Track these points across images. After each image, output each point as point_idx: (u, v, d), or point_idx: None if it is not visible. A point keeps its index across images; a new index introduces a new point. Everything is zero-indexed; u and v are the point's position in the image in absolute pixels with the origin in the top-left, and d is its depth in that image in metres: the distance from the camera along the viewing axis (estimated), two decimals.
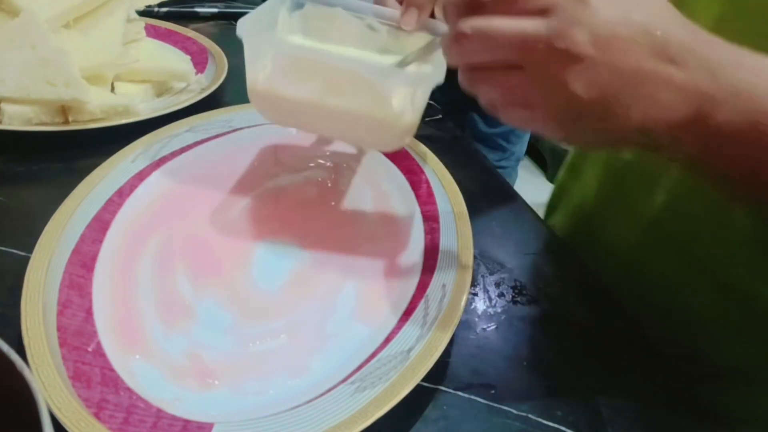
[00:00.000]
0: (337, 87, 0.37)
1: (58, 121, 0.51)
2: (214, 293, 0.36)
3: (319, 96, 0.37)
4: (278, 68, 0.39)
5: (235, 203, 0.44)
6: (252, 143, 0.49)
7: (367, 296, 0.38)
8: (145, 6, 0.78)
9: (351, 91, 0.37)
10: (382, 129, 0.38)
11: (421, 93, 0.37)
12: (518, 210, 0.51)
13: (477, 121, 1.22)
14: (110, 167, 0.42)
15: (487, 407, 0.33)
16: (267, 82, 0.38)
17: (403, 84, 0.37)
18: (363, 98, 0.37)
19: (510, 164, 1.34)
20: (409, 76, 0.36)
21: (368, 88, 0.37)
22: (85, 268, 0.35)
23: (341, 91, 0.37)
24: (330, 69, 0.37)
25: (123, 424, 0.27)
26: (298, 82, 0.37)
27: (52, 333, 0.30)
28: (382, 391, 0.29)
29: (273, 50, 0.39)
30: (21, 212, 0.42)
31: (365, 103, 0.37)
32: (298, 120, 0.41)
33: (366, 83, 0.36)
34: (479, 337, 0.37)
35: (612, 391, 0.35)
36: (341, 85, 0.37)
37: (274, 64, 0.39)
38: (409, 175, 0.47)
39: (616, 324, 0.40)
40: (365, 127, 0.38)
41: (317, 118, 0.39)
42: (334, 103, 0.37)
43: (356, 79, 0.37)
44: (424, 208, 0.44)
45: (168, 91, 0.61)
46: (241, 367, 0.32)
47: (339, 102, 0.37)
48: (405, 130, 0.38)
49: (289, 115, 0.40)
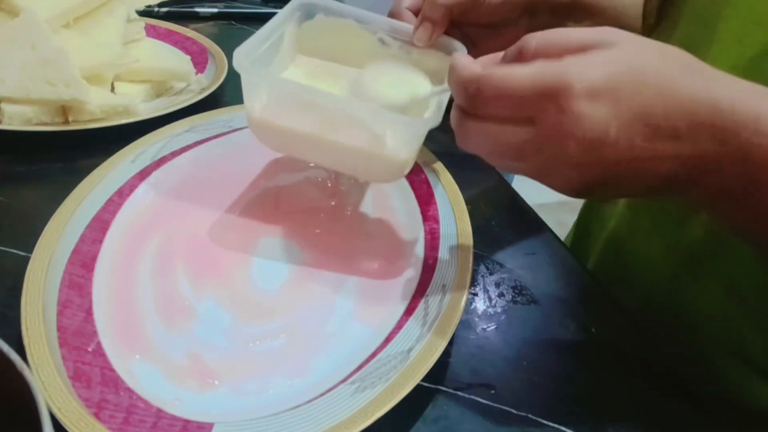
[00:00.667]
0: (333, 123, 0.37)
1: (58, 121, 0.51)
2: (214, 293, 0.36)
3: (316, 130, 0.37)
4: (275, 100, 0.39)
5: (235, 203, 0.44)
6: (252, 143, 0.49)
7: (367, 296, 0.38)
8: (145, 6, 0.78)
9: (347, 127, 0.37)
10: (378, 164, 0.38)
11: (416, 136, 0.37)
12: (518, 210, 0.51)
13: None
14: (110, 167, 0.42)
15: (487, 407, 0.33)
16: (264, 112, 0.38)
17: (399, 128, 0.37)
18: (359, 135, 0.37)
19: None
20: (405, 121, 0.37)
21: (363, 125, 0.37)
22: (85, 268, 0.35)
23: (337, 127, 0.37)
24: (325, 106, 0.37)
25: (123, 424, 0.27)
26: (295, 115, 0.38)
27: (52, 333, 0.30)
28: (382, 391, 0.29)
29: (268, 86, 0.40)
30: (21, 212, 0.42)
31: (361, 139, 0.37)
32: (296, 150, 0.41)
33: (360, 122, 0.37)
34: (479, 337, 0.37)
35: (612, 391, 0.35)
36: (337, 121, 0.37)
37: (271, 96, 0.39)
38: (410, 175, 0.47)
39: (617, 324, 0.40)
40: (361, 161, 0.38)
41: (315, 150, 0.40)
42: (330, 137, 0.37)
43: (351, 118, 0.37)
44: (424, 208, 0.44)
45: (168, 91, 0.61)
46: (241, 367, 0.32)
47: (335, 137, 0.37)
48: (400, 167, 0.38)
49: (288, 145, 0.41)
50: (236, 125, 0.50)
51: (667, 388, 0.36)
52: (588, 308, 0.41)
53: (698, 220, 0.41)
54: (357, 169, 0.41)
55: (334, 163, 0.41)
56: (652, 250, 0.46)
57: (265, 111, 0.38)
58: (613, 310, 0.41)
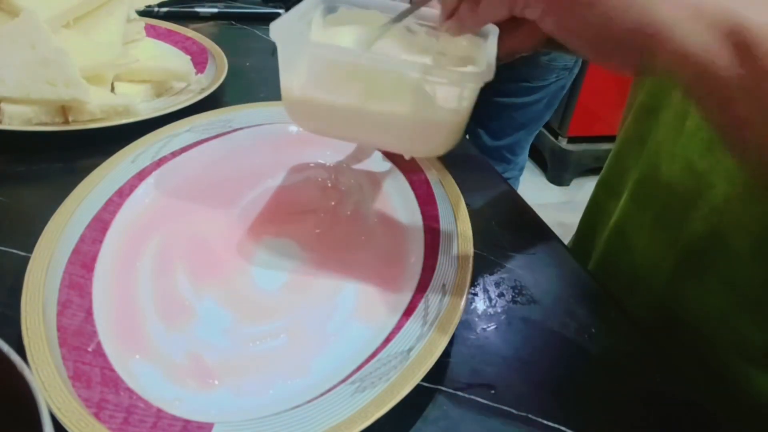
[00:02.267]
0: (378, 90, 0.35)
1: (58, 121, 0.51)
2: (214, 293, 0.37)
3: (360, 100, 0.35)
4: (314, 73, 0.36)
5: (235, 203, 0.44)
6: (252, 143, 0.49)
7: (367, 296, 0.38)
8: (145, 6, 0.78)
9: (393, 93, 0.35)
10: (429, 131, 0.36)
11: (468, 91, 0.34)
12: (518, 210, 0.51)
13: (481, 135, 1.24)
14: (110, 167, 0.42)
15: (487, 407, 0.33)
16: (303, 88, 0.36)
17: (450, 82, 0.34)
18: (407, 100, 0.35)
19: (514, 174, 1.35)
20: (456, 74, 0.34)
21: (412, 88, 0.34)
22: (85, 268, 0.35)
23: (383, 94, 0.35)
24: (370, 71, 0.34)
25: (123, 424, 0.27)
26: (336, 88, 0.35)
27: (52, 333, 0.30)
28: (382, 391, 0.29)
29: (309, 54, 0.37)
30: (21, 212, 0.42)
31: (410, 104, 0.35)
32: (337, 128, 0.38)
33: (409, 84, 0.34)
34: (479, 337, 0.37)
35: (612, 391, 0.35)
36: (383, 88, 0.35)
37: (310, 69, 0.36)
38: (410, 175, 0.47)
39: (617, 324, 0.40)
40: (410, 130, 0.36)
41: (358, 125, 0.37)
42: (375, 107, 0.35)
43: (399, 80, 0.34)
44: (424, 208, 0.44)
45: (168, 91, 0.61)
46: (241, 367, 0.32)
47: (381, 106, 0.35)
48: (453, 132, 0.36)
49: (328, 123, 0.38)
50: (236, 125, 0.50)
51: (667, 388, 0.36)
52: (588, 308, 0.41)
53: (698, 215, 0.41)
54: (406, 141, 0.38)
55: (381, 137, 0.39)
56: (654, 246, 0.46)
57: (304, 87, 0.36)
58: (613, 310, 0.41)
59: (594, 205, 0.58)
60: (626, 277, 0.49)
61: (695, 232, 0.42)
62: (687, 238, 0.43)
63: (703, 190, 0.41)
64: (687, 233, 0.42)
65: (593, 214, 0.58)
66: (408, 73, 0.34)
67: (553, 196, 2.06)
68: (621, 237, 0.50)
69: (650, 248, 0.47)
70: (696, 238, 0.42)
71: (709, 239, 0.41)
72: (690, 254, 0.43)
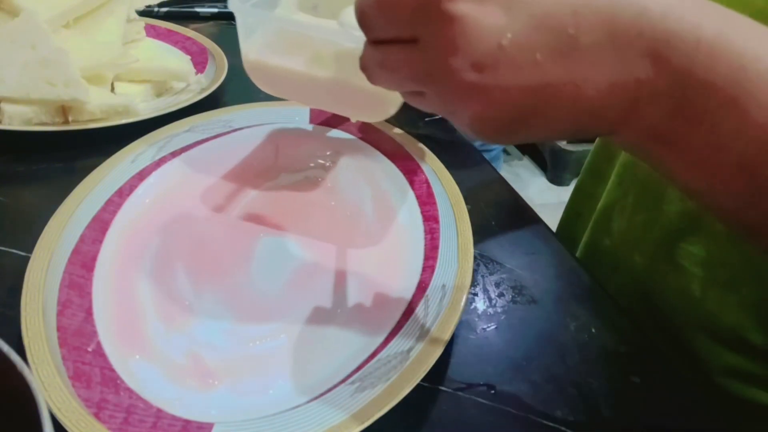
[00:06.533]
0: (322, 58, 0.37)
1: (58, 121, 0.51)
2: (214, 293, 0.36)
3: (306, 67, 0.37)
4: (268, 41, 0.39)
5: (234, 203, 0.44)
6: (252, 143, 0.49)
7: (367, 296, 0.38)
8: (145, 6, 0.78)
9: (335, 61, 0.37)
10: (368, 99, 0.38)
11: None
12: (518, 210, 0.51)
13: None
14: (110, 167, 0.42)
15: (487, 407, 0.33)
16: (258, 53, 0.39)
17: None
18: (347, 68, 0.37)
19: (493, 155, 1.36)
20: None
21: (349, 57, 0.34)
22: (85, 268, 0.35)
23: (326, 62, 0.37)
24: (314, 40, 0.37)
25: (123, 424, 0.27)
26: (286, 54, 0.38)
27: (52, 333, 0.30)
28: (382, 391, 0.29)
29: (260, 24, 0.40)
30: (21, 212, 0.42)
31: (347, 72, 0.37)
32: (289, 91, 0.41)
33: (349, 53, 0.34)
34: (479, 337, 0.37)
35: (612, 391, 0.35)
36: (326, 56, 0.37)
37: (264, 37, 0.40)
38: (409, 175, 0.47)
39: (617, 324, 0.40)
40: (351, 97, 0.38)
41: (307, 89, 0.40)
42: (320, 74, 0.37)
43: (339, 49, 0.37)
44: (424, 208, 0.44)
45: (168, 91, 0.61)
46: (241, 367, 0.32)
47: (325, 73, 0.37)
48: (390, 101, 0.38)
49: (281, 86, 0.41)
50: (236, 125, 0.50)
51: (667, 388, 0.36)
52: (588, 308, 0.41)
53: (675, 195, 0.42)
54: (349, 107, 0.41)
55: (326, 102, 0.41)
56: (633, 228, 0.47)
57: (259, 52, 0.39)
58: (613, 310, 0.41)
59: (578, 191, 0.59)
60: (609, 260, 0.49)
61: (672, 212, 0.42)
62: (664, 219, 0.43)
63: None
64: (664, 214, 0.43)
65: (579, 199, 0.59)
66: (343, 43, 0.36)
67: (553, 196, 2.06)
68: (606, 220, 0.51)
69: (630, 230, 0.47)
70: (672, 218, 0.42)
71: (684, 219, 0.41)
72: (666, 235, 0.43)
